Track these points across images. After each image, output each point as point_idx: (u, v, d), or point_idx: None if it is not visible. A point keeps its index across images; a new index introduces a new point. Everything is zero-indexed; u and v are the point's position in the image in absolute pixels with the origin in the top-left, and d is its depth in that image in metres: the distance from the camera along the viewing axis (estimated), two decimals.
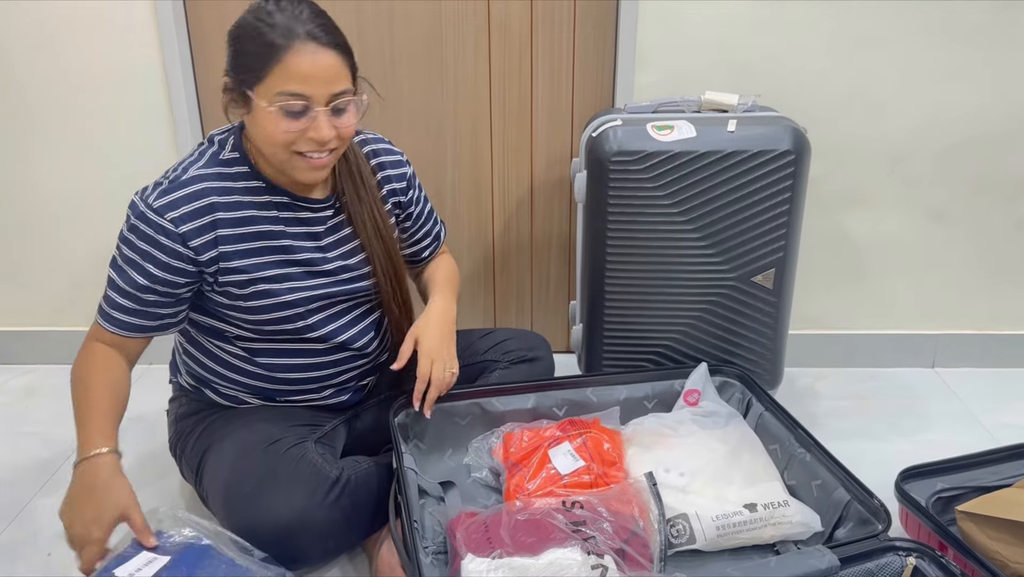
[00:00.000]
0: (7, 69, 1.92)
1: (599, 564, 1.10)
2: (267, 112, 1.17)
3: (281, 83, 1.15)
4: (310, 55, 1.15)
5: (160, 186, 1.24)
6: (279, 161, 1.24)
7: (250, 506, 1.24)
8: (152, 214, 1.22)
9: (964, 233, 2.00)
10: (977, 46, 1.83)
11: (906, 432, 1.83)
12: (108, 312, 1.27)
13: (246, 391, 1.42)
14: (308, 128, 1.19)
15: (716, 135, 1.57)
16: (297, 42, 1.15)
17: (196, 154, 1.30)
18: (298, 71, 1.15)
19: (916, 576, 1.11)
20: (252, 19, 1.18)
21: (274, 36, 1.15)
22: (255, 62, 1.16)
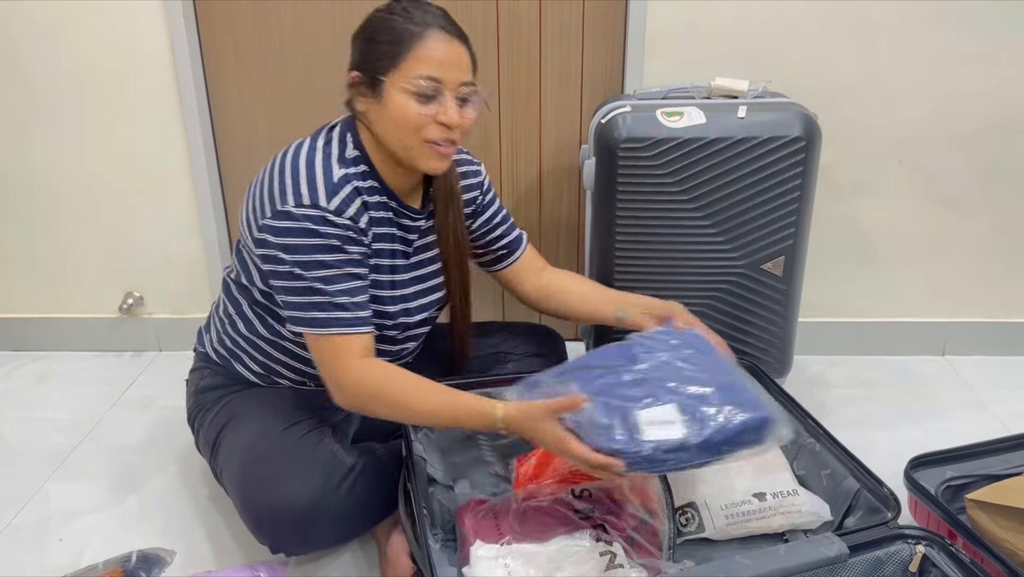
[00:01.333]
0: (15, 60, 1.92)
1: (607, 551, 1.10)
2: (401, 95, 1.21)
3: (416, 67, 1.20)
4: (444, 42, 1.22)
5: (316, 188, 1.21)
6: (405, 148, 1.25)
7: (265, 488, 1.25)
8: (334, 216, 1.21)
9: (975, 220, 1.99)
10: (989, 32, 1.81)
11: (916, 420, 1.82)
12: (355, 317, 1.23)
13: (285, 371, 1.42)
14: (437, 112, 1.22)
15: (726, 121, 1.56)
16: (432, 30, 1.21)
17: (321, 150, 1.26)
18: (433, 55, 1.21)
19: (925, 564, 1.10)
20: (385, 15, 1.24)
21: (411, 26, 1.21)
22: (391, 49, 1.21)
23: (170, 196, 2.04)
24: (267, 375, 1.43)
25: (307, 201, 1.20)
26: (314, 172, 1.22)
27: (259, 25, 1.93)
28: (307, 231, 1.19)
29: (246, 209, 1.30)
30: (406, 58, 1.20)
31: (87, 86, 1.94)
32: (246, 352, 1.42)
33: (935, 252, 2.02)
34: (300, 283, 1.21)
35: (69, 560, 1.43)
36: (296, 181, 1.21)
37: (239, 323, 1.41)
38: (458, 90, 1.23)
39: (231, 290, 1.41)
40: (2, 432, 1.82)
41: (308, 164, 1.23)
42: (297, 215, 1.19)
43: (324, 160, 1.24)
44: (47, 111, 1.97)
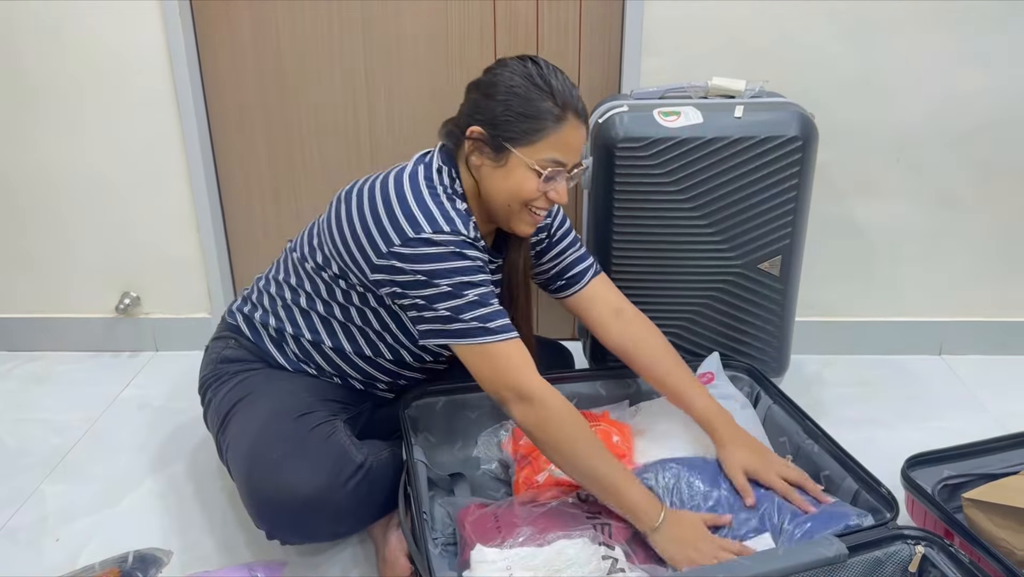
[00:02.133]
0: (13, 59, 1.92)
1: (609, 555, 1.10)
2: (526, 171, 1.24)
3: (551, 151, 1.23)
4: (577, 131, 1.25)
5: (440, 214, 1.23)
6: (507, 211, 1.29)
7: (272, 473, 1.25)
8: (454, 236, 1.22)
9: (972, 220, 1.99)
10: (987, 31, 1.81)
11: (913, 419, 1.82)
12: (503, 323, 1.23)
13: (318, 363, 1.43)
14: (550, 189, 1.26)
15: (723, 121, 1.56)
16: (571, 117, 1.23)
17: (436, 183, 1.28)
18: (568, 144, 1.24)
19: (925, 564, 1.11)
20: (524, 80, 1.23)
21: (550, 105, 1.22)
22: (527, 124, 1.22)
23: (167, 196, 2.04)
24: (301, 363, 1.43)
25: (446, 228, 1.22)
26: (441, 203, 1.25)
27: (256, 25, 1.92)
28: (455, 255, 1.22)
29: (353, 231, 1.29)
30: (543, 140, 1.23)
31: (84, 86, 1.93)
32: (293, 340, 1.42)
33: (932, 251, 2.02)
34: (459, 300, 1.21)
35: (66, 560, 1.43)
36: (426, 209, 1.23)
37: (300, 315, 1.41)
38: (572, 169, 1.27)
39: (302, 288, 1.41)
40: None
41: (433, 195, 1.26)
42: (439, 240, 1.21)
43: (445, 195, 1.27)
44: (44, 111, 1.96)
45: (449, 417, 1.51)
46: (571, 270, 1.50)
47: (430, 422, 1.51)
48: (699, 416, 1.38)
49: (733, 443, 1.33)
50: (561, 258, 1.49)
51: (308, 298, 1.40)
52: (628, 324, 1.47)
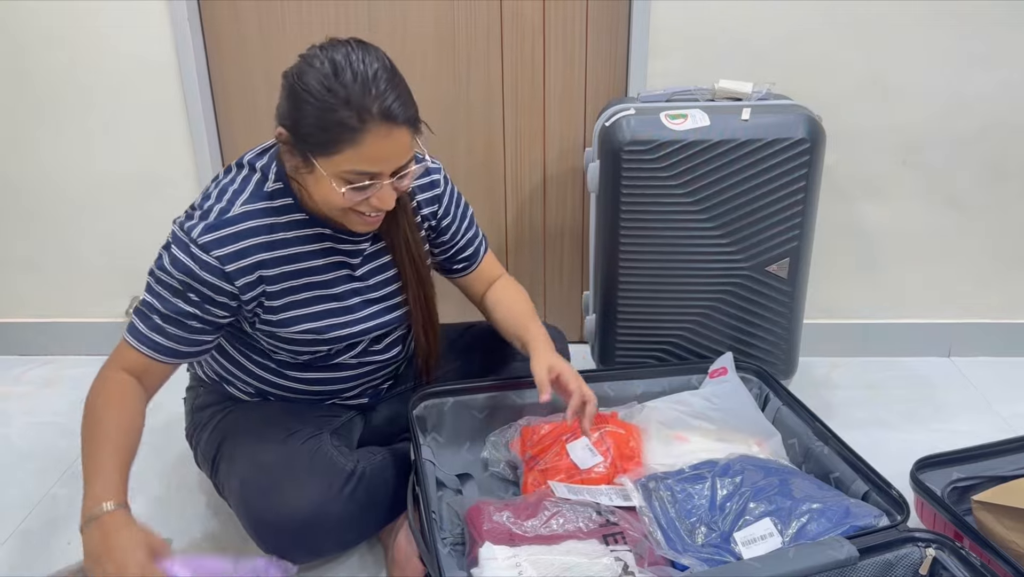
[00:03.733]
0: (21, 64, 1.93)
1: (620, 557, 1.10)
2: (331, 181, 1.14)
3: (351, 163, 1.12)
4: (383, 138, 1.11)
5: (205, 219, 1.19)
6: (333, 214, 1.21)
7: (267, 499, 1.25)
8: (197, 249, 1.18)
9: (980, 221, 1.99)
10: (993, 32, 1.81)
11: (922, 421, 1.82)
12: (145, 334, 1.21)
13: (270, 392, 1.42)
14: (371, 196, 1.16)
15: (730, 123, 1.56)
16: (371, 124, 1.09)
17: (238, 182, 1.24)
18: (371, 155, 1.11)
19: (935, 567, 1.10)
20: (319, 84, 1.10)
21: (346, 114, 1.08)
22: (323, 136, 1.10)
23: (176, 200, 2.04)
24: (256, 395, 1.43)
25: (185, 226, 1.19)
26: (215, 204, 1.21)
27: (264, 26, 1.93)
28: (168, 246, 1.20)
29: None
30: (340, 152, 1.11)
31: (92, 90, 1.94)
32: (233, 381, 1.42)
33: (940, 253, 2.02)
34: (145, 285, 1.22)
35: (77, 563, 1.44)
36: (198, 207, 1.22)
37: (220, 357, 1.41)
38: (395, 173, 1.16)
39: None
40: (10, 436, 1.83)
41: (218, 195, 1.22)
42: (174, 232, 1.20)
43: (233, 194, 1.22)
44: (52, 115, 1.97)
45: (457, 417, 1.51)
46: (465, 251, 1.47)
47: (438, 422, 1.51)
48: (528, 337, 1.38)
49: (548, 352, 1.35)
50: (454, 242, 1.45)
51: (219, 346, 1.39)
52: (494, 289, 1.50)
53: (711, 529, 1.23)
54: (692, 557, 1.17)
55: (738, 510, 1.24)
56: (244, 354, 1.38)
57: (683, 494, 1.29)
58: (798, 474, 1.34)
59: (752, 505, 1.24)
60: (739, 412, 1.48)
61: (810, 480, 1.32)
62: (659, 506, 1.27)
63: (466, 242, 1.47)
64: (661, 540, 1.20)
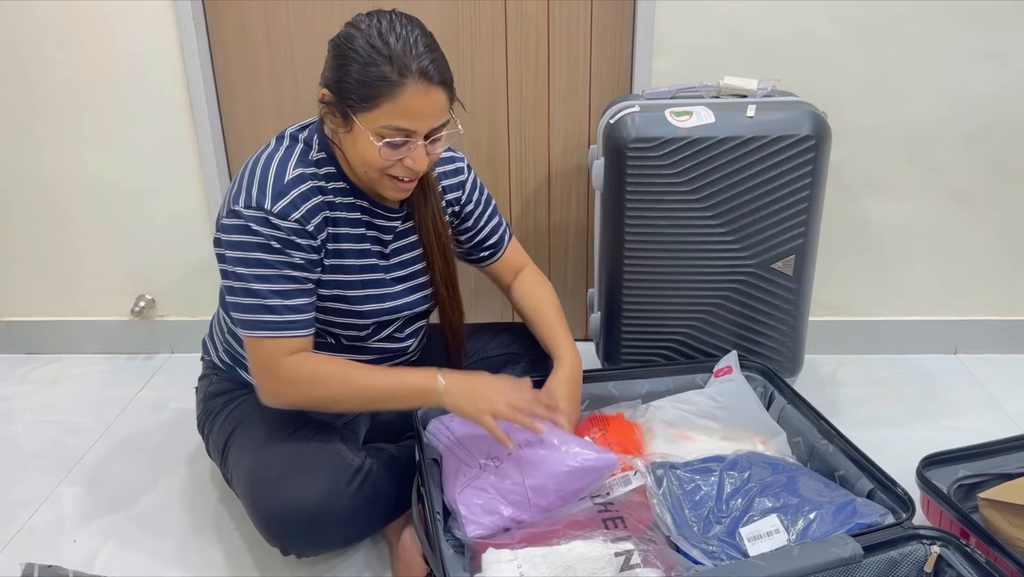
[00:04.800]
0: (25, 64, 1.93)
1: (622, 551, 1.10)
2: (369, 139, 1.18)
3: (389, 117, 1.16)
4: (421, 95, 1.16)
5: (265, 188, 1.20)
6: (369, 179, 1.25)
7: (274, 491, 1.25)
8: (277, 219, 1.19)
9: (986, 218, 1.98)
10: (1000, 28, 1.80)
11: (928, 419, 1.81)
12: (283, 320, 1.22)
13: None
14: (405, 157, 1.20)
15: (735, 120, 1.56)
16: (410, 80, 1.15)
17: (282, 151, 1.26)
18: (408, 109, 1.16)
19: (940, 565, 1.10)
20: (364, 42, 1.16)
21: (387, 69, 1.14)
22: (364, 91, 1.16)
23: (181, 199, 2.05)
24: None
25: (253, 203, 1.20)
26: (267, 173, 1.22)
27: (269, 26, 1.93)
28: (247, 230, 1.20)
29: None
30: (380, 106, 1.16)
31: (97, 89, 1.95)
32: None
33: (946, 250, 2.01)
34: (238, 283, 1.22)
35: (83, 561, 1.44)
36: (250, 182, 1.22)
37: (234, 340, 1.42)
38: (430, 135, 1.21)
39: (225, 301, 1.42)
40: (16, 434, 1.84)
41: (265, 165, 1.24)
42: (243, 215, 1.20)
43: (282, 161, 1.24)
44: (57, 114, 1.98)
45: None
46: (492, 237, 1.51)
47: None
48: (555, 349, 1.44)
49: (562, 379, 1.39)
50: (477, 229, 1.49)
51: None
52: (521, 280, 1.54)
53: (717, 523, 1.23)
54: (698, 549, 1.17)
55: (744, 505, 1.24)
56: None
57: (691, 485, 1.29)
58: (804, 472, 1.34)
59: (758, 501, 1.24)
60: (744, 411, 1.48)
61: (816, 478, 1.32)
62: (668, 492, 1.27)
63: (491, 230, 1.50)
64: (671, 523, 1.21)
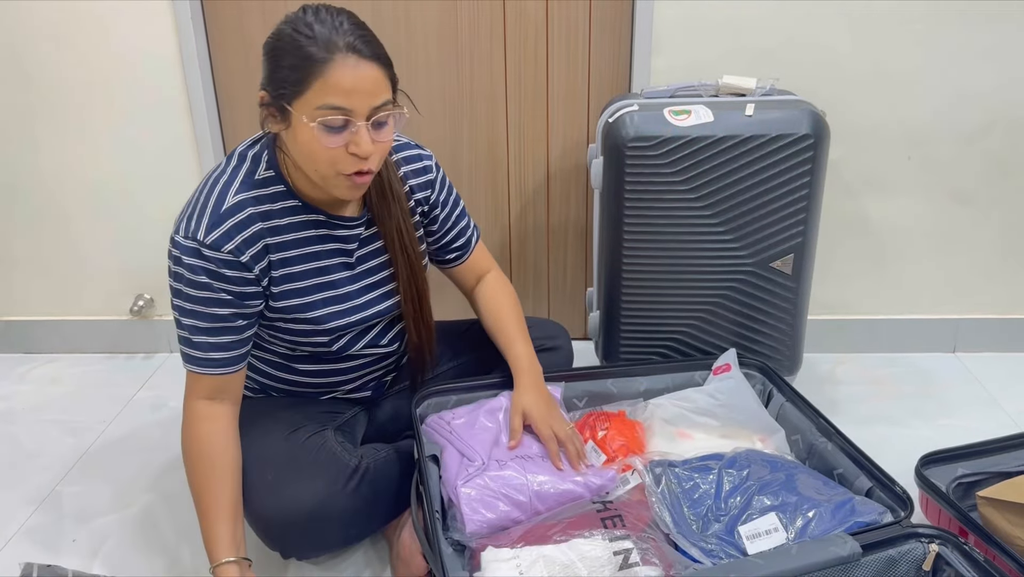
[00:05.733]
0: (23, 63, 1.93)
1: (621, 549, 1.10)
2: (307, 127, 1.13)
3: (321, 97, 1.12)
4: (351, 68, 1.12)
5: (203, 218, 1.19)
6: (320, 177, 1.19)
7: (271, 495, 1.25)
8: (208, 251, 1.18)
9: (985, 216, 1.98)
10: (997, 26, 1.80)
11: (926, 417, 1.82)
12: (204, 357, 1.22)
13: (273, 385, 1.43)
14: (348, 142, 1.15)
15: (734, 119, 1.56)
16: (338, 55, 1.12)
17: (227, 174, 1.24)
18: (339, 84, 1.12)
19: (939, 563, 1.10)
20: (290, 31, 1.14)
21: (314, 49, 1.12)
22: (294, 75, 1.13)
23: (180, 198, 2.01)
24: (260, 390, 1.44)
25: (187, 232, 1.18)
26: (208, 201, 1.20)
27: (268, 25, 1.91)
28: (178, 260, 1.18)
29: None
30: (311, 87, 1.12)
31: (96, 89, 1.95)
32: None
33: (945, 248, 2.01)
34: (174, 312, 1.22)
35: (82, 561, 1.44)
36: (191, 209, 1.21)
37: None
38: (371, 116, 1.15)
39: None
40: (15, 434, 1.84)
41: (208, 192, 1.21)
42: (178, 243, 1.19)
43: (224, 187, 1.21)
44: (56, 114, 1.98)
45: None
46: (457, 241, 1.47)
47: None
48: (513, 361, 1.42)
49: (527, 390, 1.38)
50: (445, 231, 1.45)
51: None
52: (484, 285, 1.51)
53: (716, 521, 1.23)
54: (696, 547, 1.17)
55: (743, 504, 1.24)
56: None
57: (690, 483, 1.29)
58: (803, 470, 1.34)
59: (757, 499, 1.24)
60: (743, 408, 1.48)
61: (815, 476, 1.32)
62: (667, 490, 1.27)
63: (458, 232, 1.47)
64: (669, 522, 1.21)
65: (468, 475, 1.27)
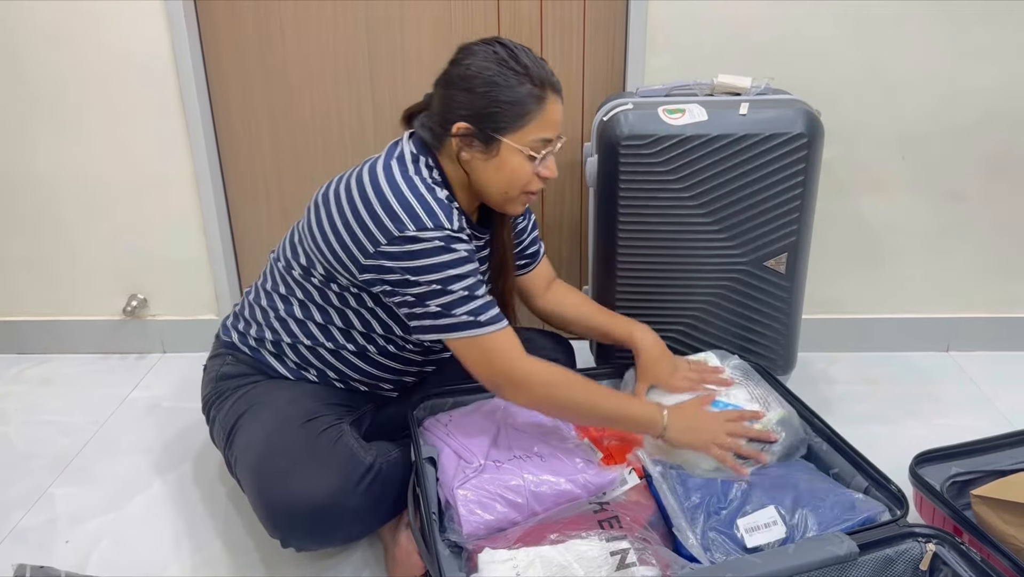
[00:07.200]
0: (18, 62, 1.92)
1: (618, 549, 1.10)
2: (519, 156, 1.28)
3: (539, 131, 1.28)
4: (558, 105, 1.30)
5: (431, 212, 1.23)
6: (505, 197, 1.34)
7: (282, 482, 1.25)
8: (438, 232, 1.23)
9: (978, 215, 1.99)
10: (992, 25, 1.81)
11: (921, 416, 1.82)
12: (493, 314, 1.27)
13: (320, 368, 1.43)
14: (540, 168, 1.31)
15: (728, 118, 1.56)
16: (550, 92, 1.28)
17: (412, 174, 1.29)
18: (552, 120, 1.29)
19: (936, 562, 1.10)
20: (499, 69, 1.25)
21: (532, 87, 1.26)
22: (514, 111, 1.25)
23: (173, 198, 2.04)
24: (300, 370, 1.44)
25: (430, 224, 1.23)
26: (423, 196, 1.25)
27: (261, 26, 1.92)
28: (441, 249, 1.23)
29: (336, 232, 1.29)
30: (530, 124, 1.26)
31: (89, 88, 1.94)
32: (290, 349, 1.42)
33: (939, 247, 2.02)
34: (449, 297, 1.24)
35: (76, 562, 1.44)
36: (408, 206, 1.24)
37: (294, 324, 1.41)
38: (556, 145, 1.32)
39: (293, 296, 1.41)
40: (8, 435, 1.83)
41: (412, 189, 1.25)
42: (425, 238, 1.22)
43: (424, 186, 1.27)
44: (49, 113, 1.97)
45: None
46: (532, 247, 1.59)
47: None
48: (623, 334, 1.54)
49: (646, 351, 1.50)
50: (527, 235, 1.58)
51: (302, 306, 1.40)
52: (555, 291, 1.63)
53: (715, 513, 1.23)
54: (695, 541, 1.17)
55: (742, 497, 1.24)
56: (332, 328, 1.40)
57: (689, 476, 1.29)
58: (802, 464, 1.34)
59: (756, 493, 1.24)
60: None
61: (815, 472, 1.32)
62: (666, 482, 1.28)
63: (532, 239, 1.59)
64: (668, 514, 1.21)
65: (465, 476, 1.27)
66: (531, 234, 1.58)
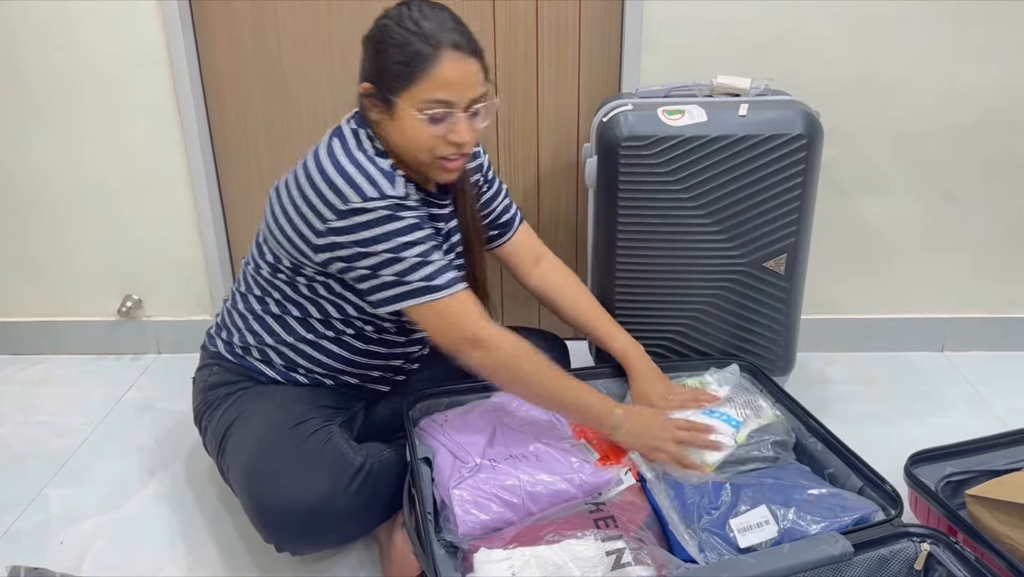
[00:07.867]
0: (13, 62, 1.92)
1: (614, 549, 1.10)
2: (413, 118, 1.23)
3: (428, 91, 1.22)
4: (455, 63, 1.22)
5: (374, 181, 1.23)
6: (418, 163, 1.30)
7: (273, 485, 1.25)
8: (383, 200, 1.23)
9: (975, 216, 1.99)
10: (990, 25, 1.81)
11: (916, 416, 1.83)
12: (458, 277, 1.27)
13: (308, 367, 1.43)
14: (448, 132, 1.25)
15: (727, 119, 1.56)
16: (444, 51, 1.21)
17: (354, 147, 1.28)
18: (445, 79, 1.21)
19: (931, 562, 1.10)
20: (396, 27, 1.22)
21: (422, 45, 1.21)
22: (402, 70, 1.22)
23: (168, 198, 2.04)
24: (288, 371, 1.43)
25: (374, 194, 1.22)
26: (365, 168, 1.25)
27: (256, 26, 1.92)
28: (389, 218, 1.23)
29: (288, 219, 1.30)
30: (418, 81, 1.21)
31: (84, 88, 1.93)
32: (273, 352, 1.42)
33: (935, 248, 2.02)
34: (402, 264, 1.24)
35: (70, 564, 1.43)
36: (350, 179, 1.23)
37: (271, 323, 1.41)
38: (469, 107, 1.25)
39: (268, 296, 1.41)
40: (2, 436, 1.82)
41: (353, 163, 1.25)
42: (371, 208, 1.22)
43: (366, 157, 1.27)
44: (44, 113, 1.96)
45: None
46: (503, 216, 1.56)
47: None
48: (618, 352, 1.53)
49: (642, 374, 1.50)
50: (495, 204, 1.55)
51: (278, 304, 1.40)
52: (548, 269, 1.59)
53: (707, 513, 1.23)
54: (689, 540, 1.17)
55: (734, 497, 1.24)
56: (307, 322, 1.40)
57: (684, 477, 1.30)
58: (795, 465, 1.35)
59: (749, 493, 1.24)
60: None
61: (808, 473, 1.33)
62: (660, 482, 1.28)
63: (503, 208, 1.56)
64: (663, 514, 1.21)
65: (461, 476, 1.26)
66: (501, 202, 1.55)
